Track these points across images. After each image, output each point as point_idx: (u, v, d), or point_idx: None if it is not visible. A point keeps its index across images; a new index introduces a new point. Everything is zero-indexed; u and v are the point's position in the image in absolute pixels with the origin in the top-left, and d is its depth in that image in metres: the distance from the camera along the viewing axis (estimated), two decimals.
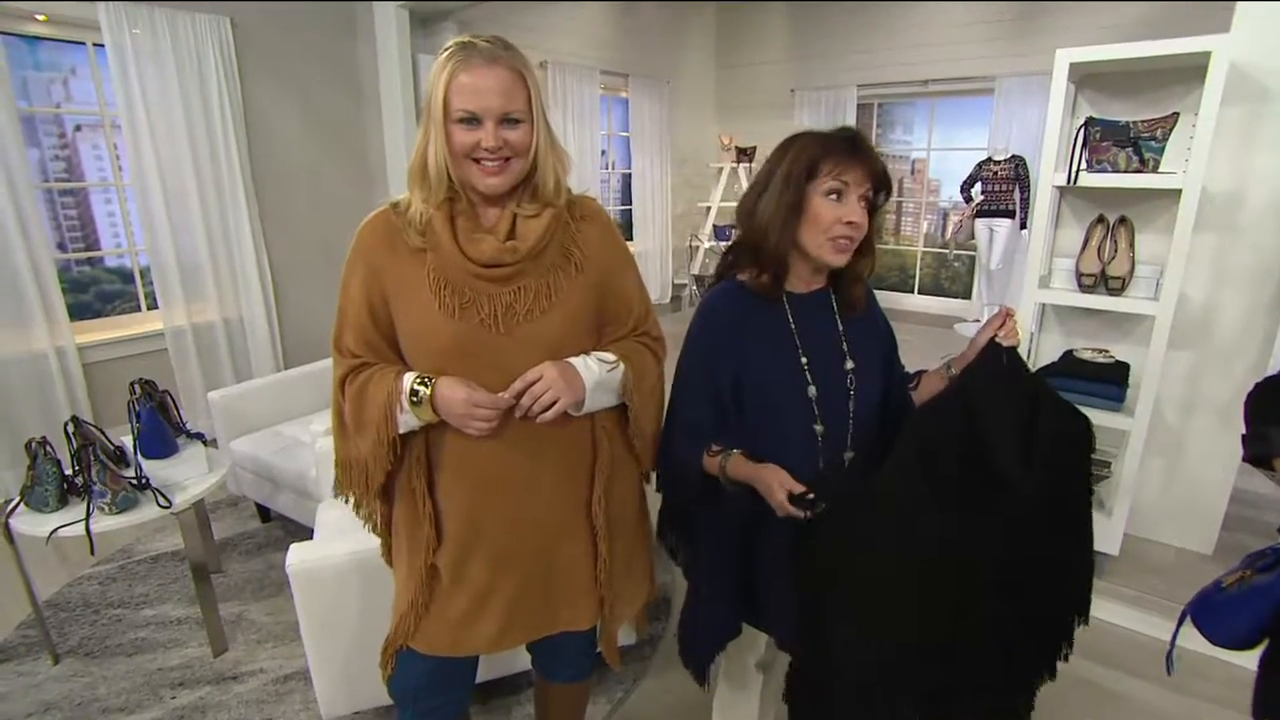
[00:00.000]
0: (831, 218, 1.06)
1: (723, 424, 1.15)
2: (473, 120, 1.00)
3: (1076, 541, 1.17)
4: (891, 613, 1.07)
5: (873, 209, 1.11)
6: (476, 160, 1.02)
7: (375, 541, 1.56)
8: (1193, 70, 2.02)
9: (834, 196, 1.06)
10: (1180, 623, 1.08)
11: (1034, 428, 1.07)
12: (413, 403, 1.04)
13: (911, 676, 1.09)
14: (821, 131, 1.10)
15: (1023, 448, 1.06)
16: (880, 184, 1.08)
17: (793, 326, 1.14)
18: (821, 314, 1.17)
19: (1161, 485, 2.43)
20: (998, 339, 1.08)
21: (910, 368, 1.29)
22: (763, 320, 1.15)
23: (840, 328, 1.17)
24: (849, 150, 1.06)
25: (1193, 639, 1.06)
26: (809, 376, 1.12)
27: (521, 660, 1.75)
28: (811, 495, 1.02)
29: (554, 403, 1.03)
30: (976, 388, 1.08)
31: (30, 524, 1.83)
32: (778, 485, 1.04)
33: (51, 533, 1.79)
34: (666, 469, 1.24)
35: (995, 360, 1.08)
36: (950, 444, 1.06)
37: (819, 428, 1.12)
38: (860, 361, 1.16)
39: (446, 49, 1.01)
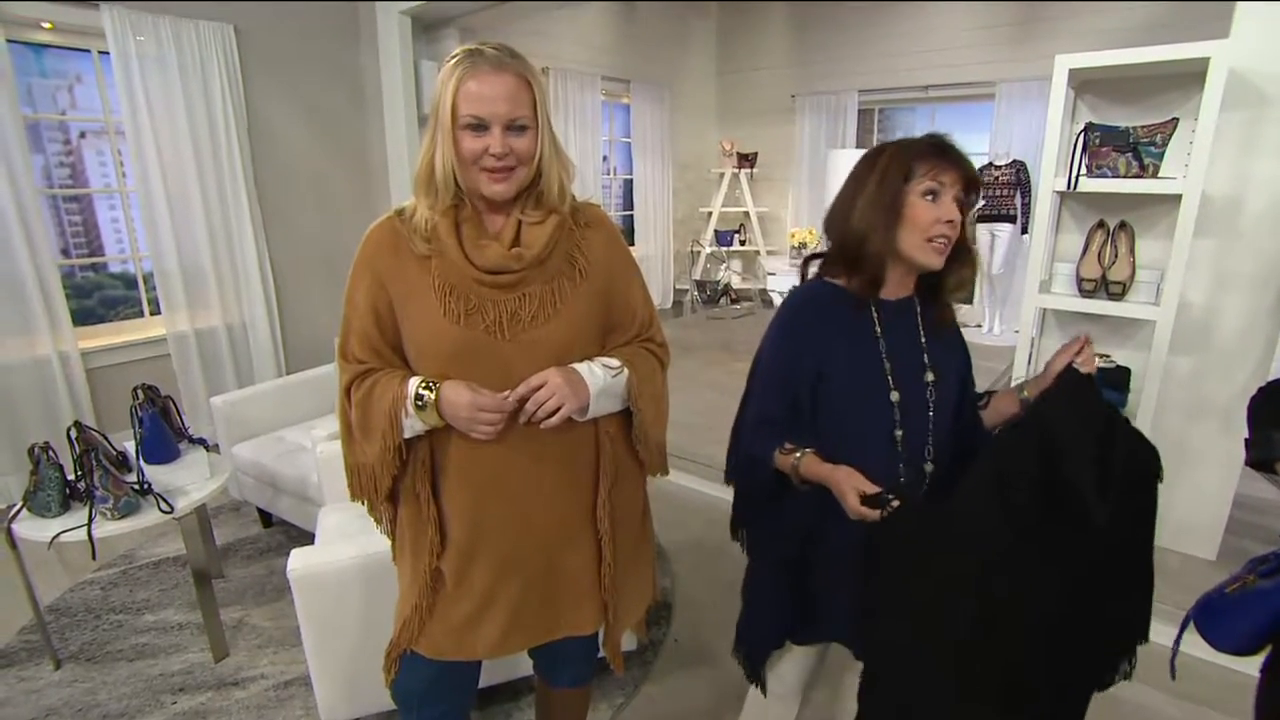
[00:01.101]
0: (930, 218, 1.07)
1: (797, 421, 1.15)
2: (480, 126, 1.01)
3: (1141, 580, 1.15)
4: (943, 622, 1.06)
5: (964, 211, 1.11)
6: (483, 167, 1.03)
7: (376, 546, 1.58)
8: (1192, 76, 2.03)
9: (930, 197, 1.08)
10: (1183, 628, 1.07)
11: (1110, 456, 1.06)
12: (417, 407, 1.04)
13: (946, 688, 1.08)
14: (910, 139, 1.11)
15: (1099, 476, 1.05)
16: (971, 186, 1.10)
17: (878, 330, 1.15)
18: (907, 322, 1.18)
19: (1164, 490, 2.38)
20: (1075, 364, 1.08)
21: None
22: (849, 320, 1.15)
23: (923, 339, 1.18)
24: (942, 152, 1.08)
25: (1194, 644, 1.06)
26: (891, 381, 1.13)
27: (523, 665, 1.75)
28: (885, 495, 1.02)
29: (558, 409, 1.04)
30: (1055, 414, 1.06)
31: (32, 529, 1.84)
32: (849, 487, 1.04)
33: (54, 538, 1.79)
34: (737, 460, 1.25)
35: (1073, 387, 1.07)
36: (1026, 470, 1.05)
37: (899, 433, 1.12)
38: (940, 375, 1.17)
39: (454, 56, 1.02)
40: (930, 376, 1.15)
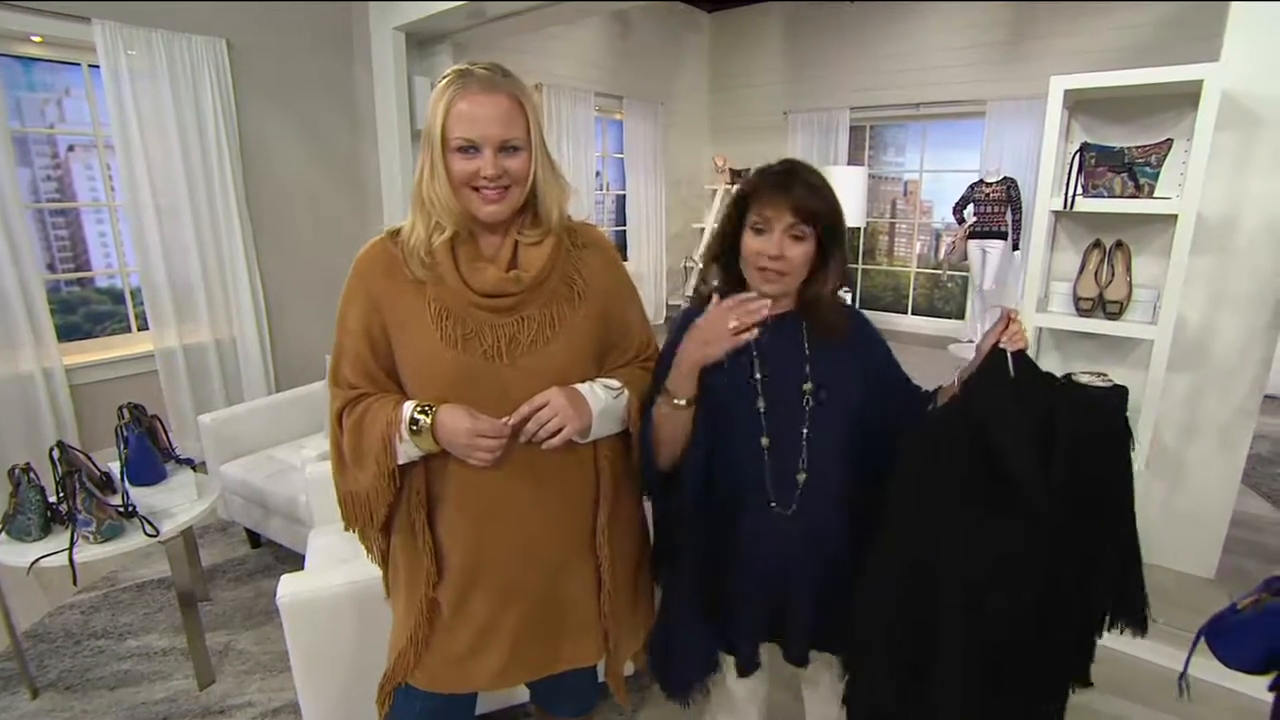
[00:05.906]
0: (753, 250, 1.11)
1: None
2: (471, 149, 0.99)
3: (1111, 539, 1.12)
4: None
5: (820, 239, 1.11)
6: (476, 188, 1.01)
7: (368, 572, 1.53)
8: (1184, 97, 2.05)
9: (758, 231, 1.11)
10: (1194, 645, 1.06)
11: (1052, 429, 1.04)
12: (412, 431, 1.01)
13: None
14: (767, 167, 1.14)
15: (1042, 451, 1.04)
16: (803, 218, 1.09)
17: (751, 341, 1.14)
18: (787, 335, 1.18)
19: (1162, 508, 2.42)
20: (1001, 344, 1.07)
21: None
22: None
23: (807, 351, 1.17)
24: (774, 186, 1.09)
25: (1199, 665, 1.04)
26: (759, 389, 1.14)
27: (519, 692, 1.71)
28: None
29: (560, 429, 1.01)
30: (980, 396, 1.06)
31: (10, 553, 1.78)
32: (715, 316, 1.07)
33: (33, 563, 1.73)
34: (641, 457, 1.21)
35: (999, 366, 1.06)
36: (958, 458, 1.04)
37: (765, 440, 1.13)
38: (828, 387, 1.16)
39: (445, 77, 1.00)
40: (808, 385, 1.15)
